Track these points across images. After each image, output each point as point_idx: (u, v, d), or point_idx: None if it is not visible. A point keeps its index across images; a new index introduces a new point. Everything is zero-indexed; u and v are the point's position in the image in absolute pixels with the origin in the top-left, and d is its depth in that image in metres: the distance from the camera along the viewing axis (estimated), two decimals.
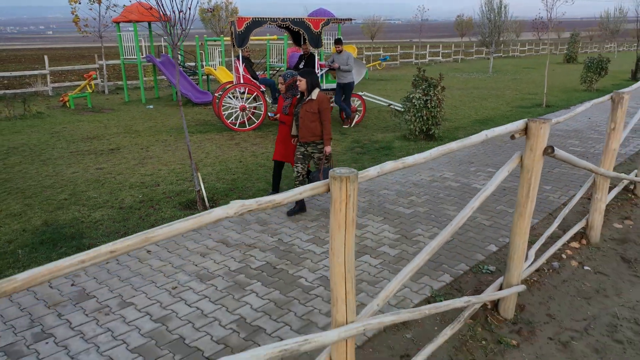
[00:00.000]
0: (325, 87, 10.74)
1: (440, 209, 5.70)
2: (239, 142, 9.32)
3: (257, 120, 10.54)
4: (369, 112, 12.72)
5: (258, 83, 10.62)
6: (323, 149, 5.31)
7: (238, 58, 10.26)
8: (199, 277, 4.14)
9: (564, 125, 10.63)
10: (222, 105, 10.23)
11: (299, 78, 5.18)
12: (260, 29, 9.83)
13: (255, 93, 10.24)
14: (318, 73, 10.49)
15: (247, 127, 10.35)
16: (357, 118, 10.99)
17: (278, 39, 14.74)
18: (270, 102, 10.80)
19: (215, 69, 14.44)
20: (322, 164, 5.29)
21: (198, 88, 14.82)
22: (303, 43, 10.69)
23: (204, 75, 15.98)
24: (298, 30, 10.41)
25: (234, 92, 10.35)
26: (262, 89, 10.40)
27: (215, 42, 16.83)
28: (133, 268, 4.30)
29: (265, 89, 11.00)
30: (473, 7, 38.48)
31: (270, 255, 4.53)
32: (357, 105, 11.05)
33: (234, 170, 7.31)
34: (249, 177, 6.99)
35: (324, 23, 10.19)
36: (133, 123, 11.40)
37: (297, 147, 5.42)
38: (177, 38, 5.40)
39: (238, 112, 10.35)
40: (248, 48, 10.68)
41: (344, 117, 10.69)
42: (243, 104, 10.28)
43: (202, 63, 15.73)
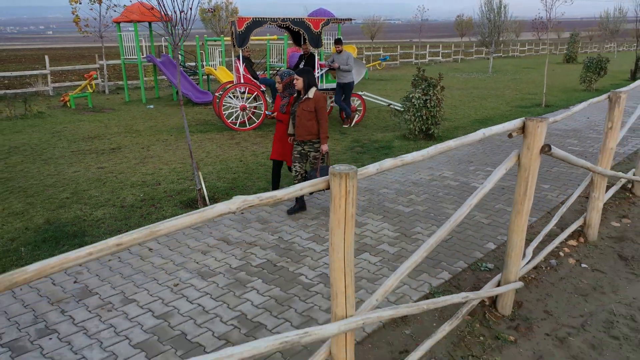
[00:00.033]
0: (325, 86, 10.77)
1: (439, 208, 5.74)
2: (240, 141, 9.36)
3: (257, 120, 10.59)
4: (369, 111, 12.76)
5: (258, 83, 10.66)
6: (319, 148, 5.35)
7: (238, 58, 10.30)
8: (200, 274, 4.19)
9: (563, 125, 10.67)
10: (222, 105, 10.28)
11: (296, 77, 5.22)
12: (261, 29, 9.88)
13: (256, 93, 10.29)
14: (318, 73, 10.53)
15: (247, 126, 10.40)
16: (357, 118, 11.03)
17: (278, 39, 14.79)
18: (271, 101, 10.85)
19: (216, 69, 14.48)
20: (317, 163, 5.33)
21: (198, 88, 14.87)
22: (303, 43, 10.73)
23: (204, 75, 16.03)
24: (298, 30, 10.45)
25: (234, 91, 10.40)
26: (262, 89, 10.44)
27: (216, 42, 16.87)
28: (135, 266, 4.35)
29: (266, 89, 11.06)
30: (473, 7, 38.52)
31: (271, 253, 4.58)
32: (357, 105, 11.10)
33: (235, 170, 7.36)
34: (250, 176, 7.03)
35: (324, 23, 10.23)
36: (134, 123, 11.44)
37: (294, 146, 5.46)
38: (178, 38, 5.44)
39: (238, 111, 10.40)
40: (248, 48, 10.73)
41: (344, 116, 10.73)
42: (243, 104, 10.33)
43: (202, 63, 15.77)
